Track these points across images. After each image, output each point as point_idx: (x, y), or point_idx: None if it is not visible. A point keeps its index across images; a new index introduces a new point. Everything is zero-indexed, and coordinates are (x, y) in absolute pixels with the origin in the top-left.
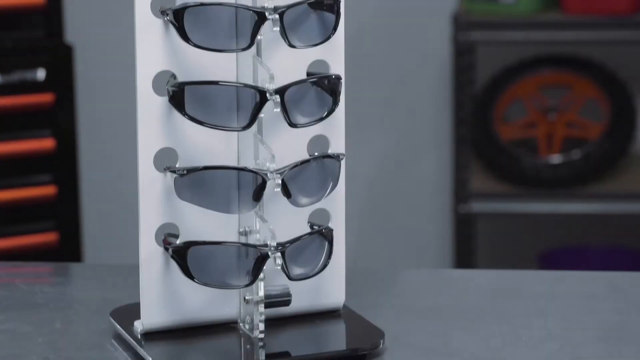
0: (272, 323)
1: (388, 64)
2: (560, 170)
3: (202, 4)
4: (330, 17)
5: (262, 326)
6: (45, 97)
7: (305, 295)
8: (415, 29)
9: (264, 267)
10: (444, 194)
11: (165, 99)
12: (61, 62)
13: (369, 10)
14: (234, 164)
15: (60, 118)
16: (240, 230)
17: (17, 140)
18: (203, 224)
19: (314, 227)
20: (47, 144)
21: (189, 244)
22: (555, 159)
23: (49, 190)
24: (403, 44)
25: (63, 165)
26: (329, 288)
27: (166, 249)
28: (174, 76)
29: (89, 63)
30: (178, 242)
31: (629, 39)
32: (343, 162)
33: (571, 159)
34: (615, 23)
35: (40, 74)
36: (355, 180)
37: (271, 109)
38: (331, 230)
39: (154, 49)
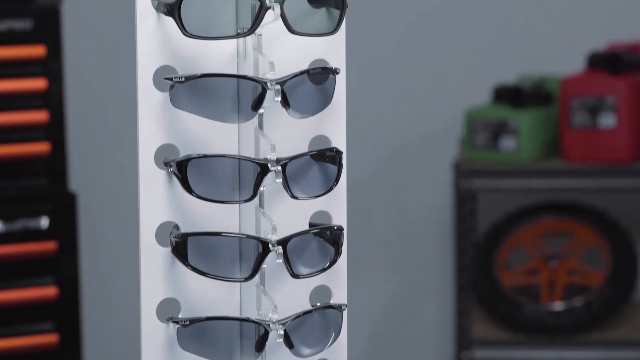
0: None
1: (390, 211)
2: (563, 318)
3: (205, 156)
4: (332, 168)
5: None
6: (48, 245)
7: None
8: (417, 177)
9: None
10: (446, 341)
11: (169, 249)
12: (64, 210)
13: (370, 158)
14: (236, 313)
15: (62, 266)
16: None
17: (19, 289)
18: None
19: None
20: (49, 292)
21: None
22: (558, 306)
23: (51, 338)
24: (405, 191)
25: (65, 314)
26: None
27: None
28: (176, 227)
29: (92, 211)
30: None
31: (629, 187)
32: (345, 312)
33: (573, 306)
34: (615, 171)
35: (44, 222)
36: (357, 329)
37: (273, 260)
38: None
39: (157, 200)
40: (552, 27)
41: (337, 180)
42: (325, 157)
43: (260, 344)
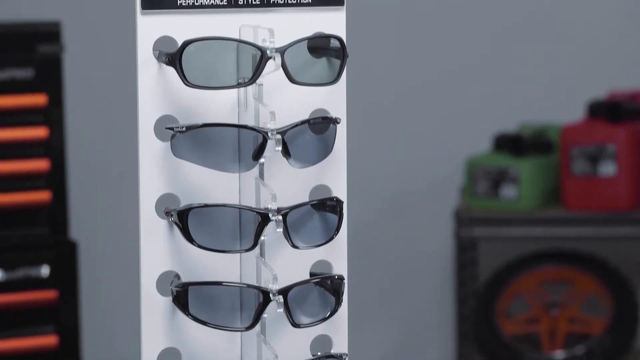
0: None
1: (390, 259)
2: None
3: (205, 205)
4: (333, 217)
5: None
6: (49, 294)
7: None
8: (418, 225)
9: None
10: None
11: (169, 299)
12: (65, 259)
13: (371, 206)
14: None
15: (63, 315)
16: None
17: (20, 338)
18: None
19: None
20: (50, 341)
21: None
22: (559, 354)
23: None
24: (405, 240)
25: None
26: None
27: None
28: (177, 276)
29: (93, 260)
30: None
31: (629, 235)
32: None
33: (574, 354)
34: (615, 219)
35: (44, 270)
36: None
37: (274, 309)
38: None
39: (158, 249)
40: (553, 76)
41: (337, 229)
42: (326, 206)
43: None
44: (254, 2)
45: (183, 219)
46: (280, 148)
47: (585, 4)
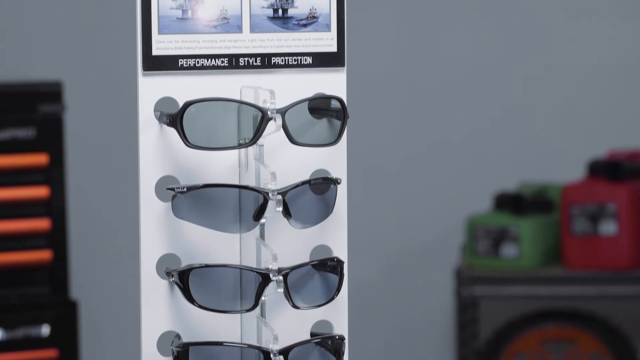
0: None
1: (391, 319)
2: None
3: (206, 266)
4: (334, 278)
5: None
6: (49, 354)
7: None
8: (418, 284)
9: None
10: None
11: (170, 359)
12: (65, 318)
13: (372, 265)
14: None
15: None
16: None
17: None
18: None
19: None
20: None
21: None
22: None
23: None
24: (406, 298)
25: None
26: None
27: None
28: (178, 336)
29: (93, 320)
30: None
31: (630, 294)
32: None
33: None
34: (616, 278)
35: (45, 330)
36: None
37: None
38: None
39: (159, 309)
40: (553, 135)
41: (338, 290)
42: (326, 266)
43: None
44: (254, 64)
45: (184, 279)
46: (281, 209)
47: (585, 64)
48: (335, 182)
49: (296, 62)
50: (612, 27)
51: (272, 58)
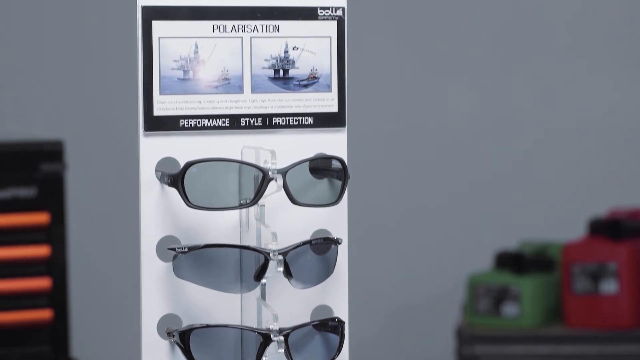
0: None
1: None
2: None
3: (207, 326)
4: (334, 338)
5: None
6: None
7: None
8: (419, 342)
9: None
10: None
11: None
12: None
13: (372, 324)
14: None
15: None
16: None
17: None
18: None
19: None
20: None
21: None
22: None
23: None
24: (407, 356)
25: None
26: None
27: None
28: None
29: None
30: None
31: (632, 353)
32: None
33: None
34: (617, 337)
35: None
36: None
37: None
38: None
39: None
40: (553, 194)
41: (339, 350)
42: (327, 327)
43: None
44: (256, 124)
45: (185, 339)
46: (282, 269)
47: (585, 123)
48: (336, 242)
49: (297, 123)
50: (612, 86)
51: (273, 118)
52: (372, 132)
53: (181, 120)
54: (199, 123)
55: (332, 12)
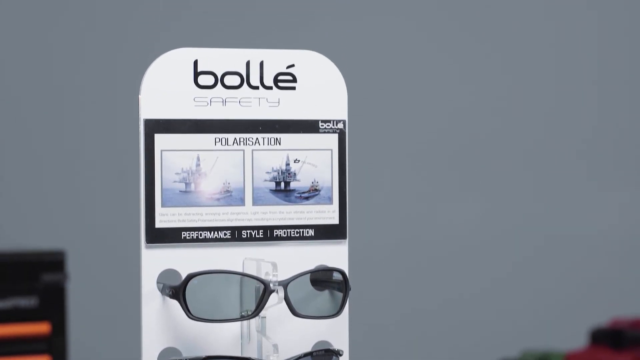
0: None
1: None
2: None
3: None
4: None
5: None
6: None
7: None
8: None
9: None
10: None
11: None
12: None
13: None
14: None
15: None
16: None
17: None
18: None
19: None
20: None
21: None
22: None
23: None
24: None
25: None
26: None
27: None
28: None
29: None
30: None
31: None
32: None
33: None
34: None
35: None
36: None
37: None
38: None
39: None
40: (555, 303)
41: None
42: None
43: None
44: (257, 236)
45: None
46: None
47: (586, 232)
48: (337, 353)
49: (298, 235)
50: (613, 196)
51: (274, 230)
52: (373, 243)
53: (183, 233)
54: (201, 235)
55: (333, 125)
